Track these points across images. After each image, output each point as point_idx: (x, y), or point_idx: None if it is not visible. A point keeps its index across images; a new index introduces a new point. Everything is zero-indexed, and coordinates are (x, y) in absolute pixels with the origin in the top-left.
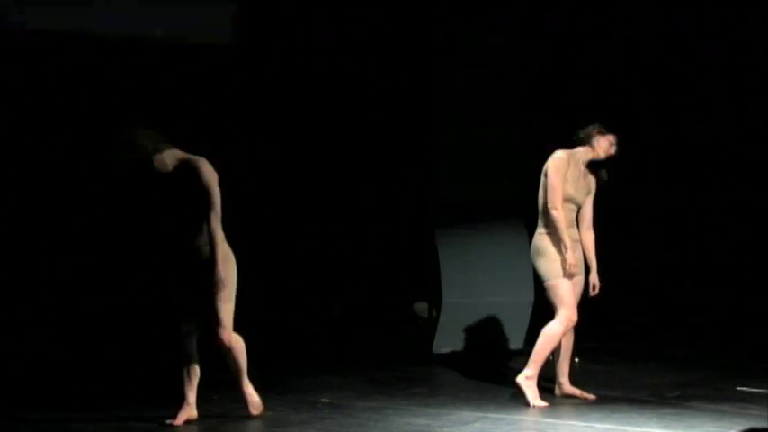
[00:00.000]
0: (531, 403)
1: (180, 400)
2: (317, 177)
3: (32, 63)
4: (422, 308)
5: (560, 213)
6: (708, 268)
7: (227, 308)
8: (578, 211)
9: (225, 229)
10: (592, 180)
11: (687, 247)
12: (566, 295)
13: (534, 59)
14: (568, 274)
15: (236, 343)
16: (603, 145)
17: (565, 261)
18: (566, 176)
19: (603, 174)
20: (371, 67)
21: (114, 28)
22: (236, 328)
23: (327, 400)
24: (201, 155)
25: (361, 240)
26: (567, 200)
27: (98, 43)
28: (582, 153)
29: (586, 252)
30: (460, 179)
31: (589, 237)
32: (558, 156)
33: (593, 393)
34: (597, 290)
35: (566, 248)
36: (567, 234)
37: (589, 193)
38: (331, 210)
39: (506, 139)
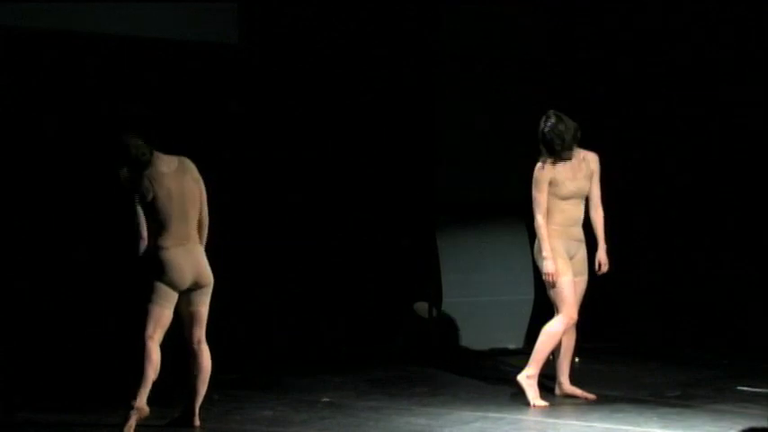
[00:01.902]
0: (532, 403)
1: (181, 400)
2: (316, 177)
3: (34, 63)
4: (422, 308)
5: (541, 222)
6: (708, 268)
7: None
8: (586, 200)
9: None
10: (592, 160)
11: (688, 247)
12: (567, 294)
13: (535, 59)
14: (547, 283)
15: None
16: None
17: (566, 260)
18: (554, 180)
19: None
20: (372, 68)
21: (116, 27)
22: (238, 327)
23: (327, 400)
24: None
25: (361, 240)
26: (567, 198)
27: (100, 43)
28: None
29: (595, 230)
30: (460, 179)
31: (598, 215)
32: (538, 167)
33: (594, 393)
34: (605, 268)
35: (545, 258)
36: (547, 244)
37: (592, 175)
38: (331, 209)
39: (507, 139)
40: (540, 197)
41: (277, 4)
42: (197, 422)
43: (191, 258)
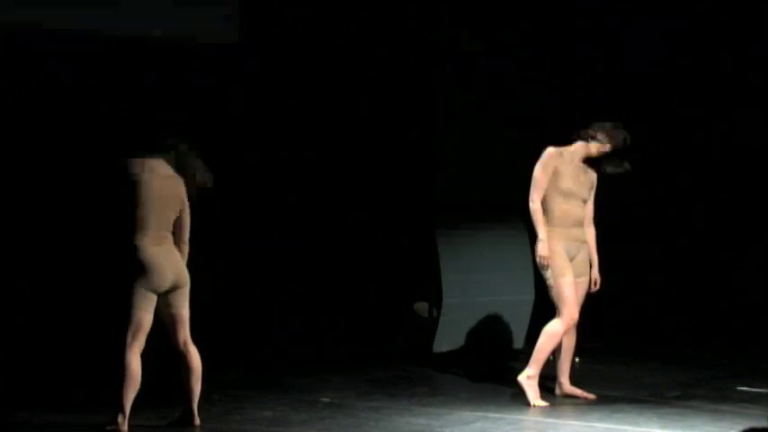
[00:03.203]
0: (532, 403)
1: (180, 400)
2: (316, 177)
3: (34, 63)
4: (422, 308)
5: (537, 206)
6: (709, 268)
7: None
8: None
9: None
10: (594, 175)
11: (688, 247)
12: (568, 294)
13: (535, 59)
14: (541, 266)
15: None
16: (599, 142)
17: (567, 261)
18: (558, 171)
19: (626, 165)
20: (372, 68)
21: (118, 27)
22: (238, 327)
23: (327, 400)
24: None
25: (361, 240)
26: (568, 195)
27: (100, 43)
28: (578, 148)
29: (588, 248)
30: (460, 179)
31: (590, 232)
32: (547, 151)
33: (594, 393)
34: (598, 285)
35: (540, 240)
36: (542, 227)
37: (592, 188)
38: (331, 209)
39: (507, 140)
40: (542, 179)
41: (277, 4)
42: (197, 421)
43: (170, 258)
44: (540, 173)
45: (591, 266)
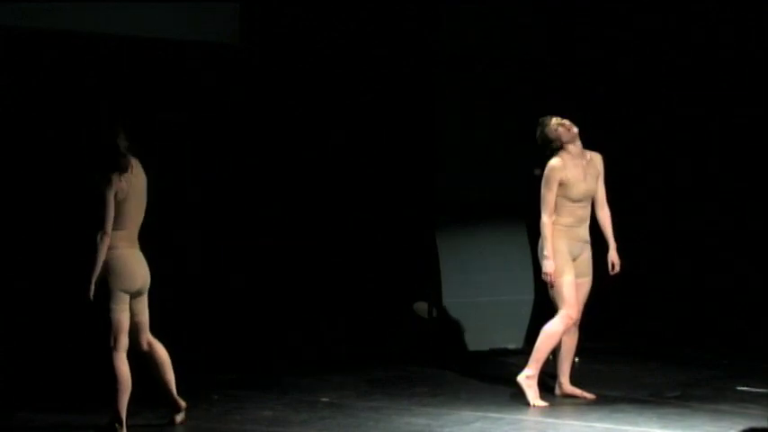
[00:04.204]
0: (532, 403)
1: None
2: (316, 177)
3: (34, 63)
4: (422, 308)
5: (546, 221)
6: (709, 268)
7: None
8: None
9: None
10: (597, 161)
11: (688, 247)
12: (568, 294)
13: (535, 59)
14: (548, 284)
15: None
16: (561, 133)
17: (569, 261)
18: (565, 181)
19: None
20: (372, 68)
21: (116, 27)
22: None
23: (327, 400)
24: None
25: (361, 240)
26: (580, 199)
27: (100, 43)
28: (572, 150)
29: (603, 230)
30: (460, 179)
31: (605, 214)
32: (550, 165)
33: (594, 393)
34: (618, 268)
35: (545, 257)
36: (550, 243)
37: (599, 175)
38: (331, 209)
39: (507, 139)
40: (549, 196)
41: (277, 4)
42: (183, 403)
43: (141, 262)
44: (546, 192)
45: (608, 248)
